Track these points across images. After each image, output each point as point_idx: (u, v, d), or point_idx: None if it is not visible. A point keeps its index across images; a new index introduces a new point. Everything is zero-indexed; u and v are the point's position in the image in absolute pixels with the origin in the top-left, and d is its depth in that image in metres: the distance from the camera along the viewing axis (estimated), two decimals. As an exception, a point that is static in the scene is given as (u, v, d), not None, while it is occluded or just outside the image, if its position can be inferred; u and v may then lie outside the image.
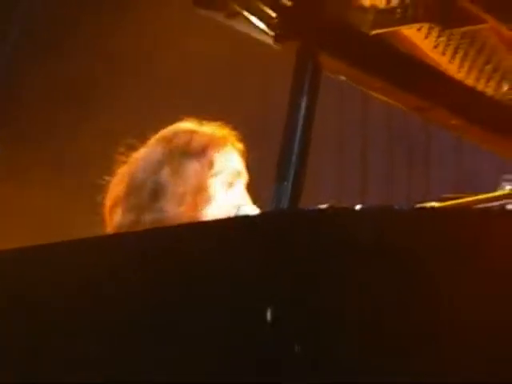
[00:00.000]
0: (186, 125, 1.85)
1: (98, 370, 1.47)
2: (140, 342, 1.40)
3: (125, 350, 1.43)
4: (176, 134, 1.82)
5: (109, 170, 1.84)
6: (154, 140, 1.82)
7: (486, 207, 1.86)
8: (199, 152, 1.80)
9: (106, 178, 1.86)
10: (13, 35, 4.19)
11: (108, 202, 1.80)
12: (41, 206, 3.43)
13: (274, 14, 1.61)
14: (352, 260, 1.28)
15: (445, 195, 1.96)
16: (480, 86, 1.87)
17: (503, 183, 1.93)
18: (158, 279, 1.39)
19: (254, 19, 1.62)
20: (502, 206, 1.83)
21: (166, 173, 1.78)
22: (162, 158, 1.78)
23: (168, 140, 1.80)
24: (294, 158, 1.45)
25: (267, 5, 1.62)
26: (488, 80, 1.87)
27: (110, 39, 3.75)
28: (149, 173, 1.78)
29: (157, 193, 1.77)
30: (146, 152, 1.81)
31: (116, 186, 1.80)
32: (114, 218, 1.79)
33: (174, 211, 1.79)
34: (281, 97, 1.58)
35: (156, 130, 1.86)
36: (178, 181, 1.79)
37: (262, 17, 1.64)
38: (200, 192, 1.79)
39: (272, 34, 1.62)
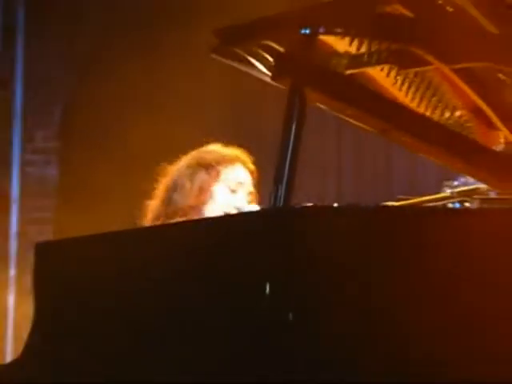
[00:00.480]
0: (212, 146, 2.32)
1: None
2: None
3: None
4: (199, 152, 2.30)
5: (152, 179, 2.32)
6: (187, 156, 2.30)
7: (432, 205, 2.17)
8: (209, 165, 2.25)
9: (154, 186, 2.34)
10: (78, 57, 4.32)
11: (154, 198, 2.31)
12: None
13: (271, 59, 1.83)
14: (330, 243, 1.51)
15: (400, 196, 2.26)
16: (428, 113, 2.02)
17: (444, 188, 2.22)
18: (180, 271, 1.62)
19: (256, 63, 1.86)
20: (444, 205, 2.11)
21: (183, 177, 2.26)
22: (185, 169, 2.26)
23: (193, 157, 2.29)
24: (286, 169, 1.66)
25: (266, 52, 1.84)
26: (434, 108, 2.02)
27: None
28: (176, 177, 2.27)
29: (175, 188, 2.24)
30: (180, 164, 2.30)
31: (159, 187, 2.31)
32: (154, 210, 2.29)
33: (182, 202, 2.23)
34: (275, 123, 1.82)
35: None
36: (188, 182, 2.24)
37: (263, 61, 1.87)
38: (202, 192, 2.24)
39: (270, 74, 1.84)
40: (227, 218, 2.01)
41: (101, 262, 1.74)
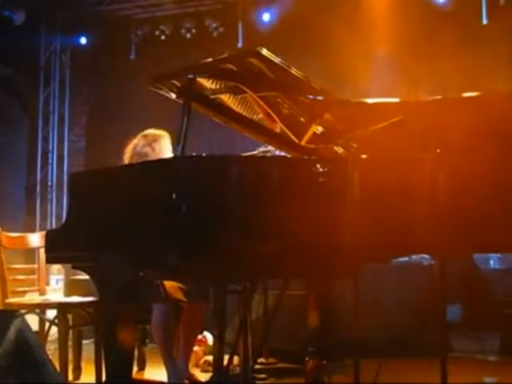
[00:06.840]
0: (150, 130, 4.10)
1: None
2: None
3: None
4: (149, 132, 4.10)
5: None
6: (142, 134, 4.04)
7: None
8: (153, 140, 4.08)
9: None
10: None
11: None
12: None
13: (176, 90, 3.09)
14: (200, 173, 2.76)
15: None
16: (247, 114, 3.29)
17: (258, 149, 3.80)
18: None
19: (171, 92, 3.14)
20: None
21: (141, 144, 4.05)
22: (142, 141, 4.06)
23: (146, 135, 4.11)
24: (181, 144, 2.85)
25: (174, 86, 3.06)
26: (250, 113, 3.24)
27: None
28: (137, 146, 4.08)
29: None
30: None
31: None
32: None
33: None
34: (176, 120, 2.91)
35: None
36: (139, 142, 4.06)
37: (173, 90, 3.09)
38: (152, 148, 4.05)
39: (175, 97, 3.10)
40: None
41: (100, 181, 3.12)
